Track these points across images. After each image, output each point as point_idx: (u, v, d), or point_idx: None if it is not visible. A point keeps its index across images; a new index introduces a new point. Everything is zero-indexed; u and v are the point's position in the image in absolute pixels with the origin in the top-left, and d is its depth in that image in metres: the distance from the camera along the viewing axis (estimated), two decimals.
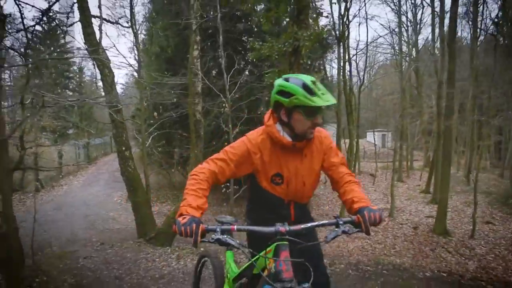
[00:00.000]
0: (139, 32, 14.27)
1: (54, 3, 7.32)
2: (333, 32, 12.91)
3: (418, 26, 18.27)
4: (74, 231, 9.10)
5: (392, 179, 11.89)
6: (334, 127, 14.87)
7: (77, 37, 18.10)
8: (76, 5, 7.85)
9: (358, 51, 15.69)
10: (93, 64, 8.96)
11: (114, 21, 9.05)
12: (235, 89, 7.12)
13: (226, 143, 8.69)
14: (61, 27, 8.88)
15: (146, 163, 9.30)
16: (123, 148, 8.01)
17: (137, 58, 12.65)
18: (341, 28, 11.84)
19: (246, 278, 1.57)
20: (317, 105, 1.33)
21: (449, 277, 4.36)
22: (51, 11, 7.68)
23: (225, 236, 1.19)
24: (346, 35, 12.15)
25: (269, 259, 1.26)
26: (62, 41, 12.64)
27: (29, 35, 6.34)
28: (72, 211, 11.02)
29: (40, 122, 9.70)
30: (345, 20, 11.62)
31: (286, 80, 1.42)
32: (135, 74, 12.63)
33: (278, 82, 1.45)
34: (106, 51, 7.96)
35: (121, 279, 4.21)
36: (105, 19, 8.86)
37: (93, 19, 8.00)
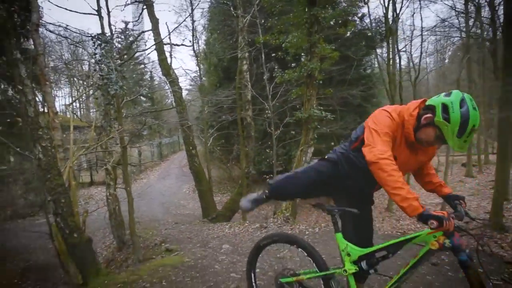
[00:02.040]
0: (199, 41, 17.09)
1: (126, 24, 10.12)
2: (377, 28, 13.58)
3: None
4: (154, 214, 12.01)
5: (445, 173, 12.12)
6: None
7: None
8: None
9: (412, 38, 15.49)
10: (165, 81, 11.62)
11: (180, 43, 11.61)
12: (277, 97, 8.88)
13: (269, 142, 10.54)
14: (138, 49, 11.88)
15: (208, 160, 11.72)
16: (190, 148, 10.52)
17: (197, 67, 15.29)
18: (391, 19, 12.25)
19: (390, 254, 1.81)
20: (450, 144, 1.50)
21: None
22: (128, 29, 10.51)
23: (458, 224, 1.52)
24: (394, 27, 12.64)
25: (439, 236, 1.53)
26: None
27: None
28: (151, 199, 14.19)
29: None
30: (391, 13, 12.11)
31: (461, 103, 1.48)
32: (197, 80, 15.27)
33: (455, 97, 1.50)
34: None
35: (192, 238, 6.39)
36: (173, 44, 11.48)
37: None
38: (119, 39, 20.01)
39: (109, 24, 6.81)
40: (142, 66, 24.19)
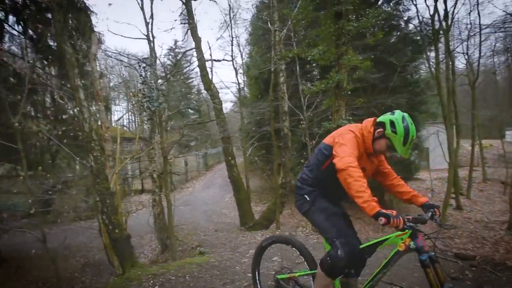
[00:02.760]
0: (242, 54, 18.08)
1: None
2: (426, 31, 12.99)
3: None
4: (197, 221, 12.84)
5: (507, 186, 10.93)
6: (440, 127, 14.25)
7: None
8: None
9: (469, 38, 14.36)
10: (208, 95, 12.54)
11: (221, 59, 12.53)
12: (312, 108, 9.10)
13: (304, 153, 10.70)
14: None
15: (247, 169, 12.27)
16: (230, 158, 11.16)
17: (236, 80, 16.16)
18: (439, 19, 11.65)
19: (367, 255, 2.10)
20: (398, 152, 1.95)
21: None
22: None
23: (413, 225, 1.80)
24: (445, 28, 12.00)
25: (405, 239, 1.83)
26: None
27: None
28: (195, 207, 15.16)
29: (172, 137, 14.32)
30: (442, 11, 11.53)
31: (403, 120, 1.94)
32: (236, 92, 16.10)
33: (398, 115, 1.96)
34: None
35: (225, 244, 6.86)
36: (214, 60, 12.43)
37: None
38: (170, 56, 22.12)
39: (153, 48, 7.84)
40: (190, 81, 26.24)
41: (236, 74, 14.05)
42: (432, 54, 14.83)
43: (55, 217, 7.80)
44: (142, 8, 8.42)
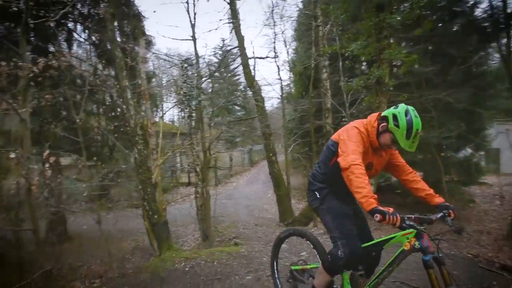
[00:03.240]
0: (288, 50, 18.06)
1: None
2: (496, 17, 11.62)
3: None
4: (238, 215, 13.32)
5: None
6: None
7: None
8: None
9: None
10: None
11: (264, 56, 12.78)
12: (355, 105, 8.86)
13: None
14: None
15: (288, 166, 12.41)
16: (271, 154, 11.38)
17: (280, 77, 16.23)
18: None
19: (373, 253, 2.17)
20: (402, 145, 1.94)
21: None
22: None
23: (413, 224, 1.82)
24: None
25: (411, 239, 1.85)
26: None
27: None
28: (238, 201, 15.70)
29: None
30: None
31: (406, 113, 1.94)
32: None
33: (401, 109, 1.97)
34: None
35: (261, 238, 7.10)
36: (257, 57, 12.72)
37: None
38: (217, 55, 23.03)
39: (195, 49, 8.35)
40: (236, 78, 27.00)
41: (279, 71, 14.14)
42: (504, 41, 13.22)
43: (111, 203, 8.78)
44: (187, 11, 9.02)
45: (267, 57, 12.82)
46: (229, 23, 11.70)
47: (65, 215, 8.41)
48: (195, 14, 8.85)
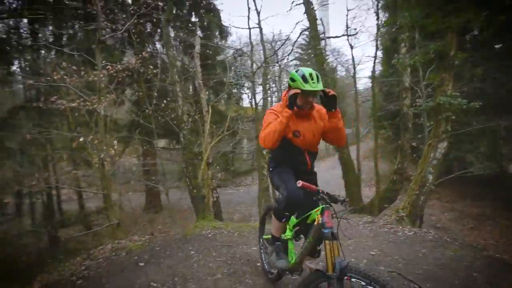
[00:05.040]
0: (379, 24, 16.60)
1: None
2: None
3: None
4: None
5: None
6: None
7: None
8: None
9: None
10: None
11: (340, 35, 12.27)
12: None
13: (420, 135, 9.27)
14: None
15: (358, 150, 11.92)
16: None
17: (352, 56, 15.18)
18: None
19: (298, 226, 2.56)
20: (305, 89, 2.18)
21: None
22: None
23: (324, 196, 2.10)
24: None
25: (318, 215, 2.12)
26: None
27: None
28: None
29: None
30: None
31: (296, 71, 2.28)
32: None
33: (292, 72, 2.30)
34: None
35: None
36: (331, 37, 12.31)
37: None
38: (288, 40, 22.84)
39: (261, 36, 8.80)
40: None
41: (352, 49, 13.35)
42: None
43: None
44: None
45: (343, 35, 12.18)
46: (299, 4, 11.68)
47: (159, 191, 10.38)
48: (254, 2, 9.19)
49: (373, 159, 11.91)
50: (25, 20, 7.86)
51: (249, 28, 8.38)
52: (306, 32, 14.79)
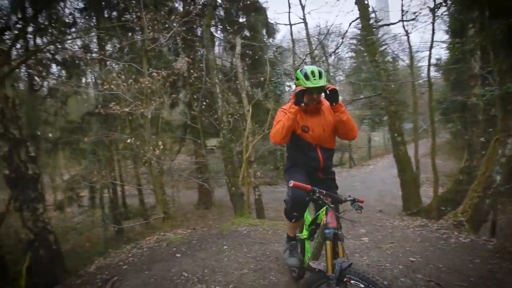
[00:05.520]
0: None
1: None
2: None
3: None
4: (367, 200, 12.90)
5: None
6: None
7: None
8: None
9: None
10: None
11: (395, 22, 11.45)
12: None
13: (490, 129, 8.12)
14: None
15: (417, 147, 10.93)
16: (395, 135, 10.35)
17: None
18: None
19: (313, 226, 2.53)
20: (307, 86, 2.26)
21: None
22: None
23: (320, 196, 2.09)
24: None
25: (324, 215, 2.15)
26: None
27: None
28: (371, 185, 14.99)
29: None
30: None
31: (300, 70, 2.38)
32: None
33: (297, 71, 2.41)
34: None
35: (360, 222, 6.97)
36: (383, 25, 11.53)
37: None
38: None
39: (306, 31, 8.68)
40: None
41: (408, 35, 12.26)
42: None
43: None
44: None
45: (400, 21, 11.27)
46: None
47: (211, 187, 10.95)
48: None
49: (430, 155, 10.73)
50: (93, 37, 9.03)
51: (290, 25, 8.31)
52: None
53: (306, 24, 9.69)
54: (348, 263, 1.84)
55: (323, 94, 2.39)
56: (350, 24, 12.36)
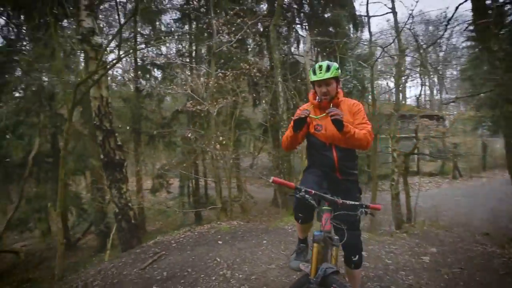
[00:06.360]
0: None
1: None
2: None
3: None
4: (469, 218, 10.96)
5: None
6: None
7: None
8: None
9: None
10: None
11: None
12: None
13: None
14: None
15: None
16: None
17: None
18: None
19: None
20: (312, 80, 2.32)
21: None
22: None
23: (306, 196, 1.98)
24: None
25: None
26: None
27: None
28: (480, 202, 12.60)
29: None
30: None
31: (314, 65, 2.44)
32: None
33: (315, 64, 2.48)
34: None
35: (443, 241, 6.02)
36: None
37: None
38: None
39: (395, 21, 8.01)
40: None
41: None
42: None
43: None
44: None
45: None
46: None
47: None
48: None
49: None
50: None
51: (368, 16, 7.71)
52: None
53: (395, 13, 8.91)
54: (334, 269, 1.79)
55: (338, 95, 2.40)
56: (457, 7, 10.59)
